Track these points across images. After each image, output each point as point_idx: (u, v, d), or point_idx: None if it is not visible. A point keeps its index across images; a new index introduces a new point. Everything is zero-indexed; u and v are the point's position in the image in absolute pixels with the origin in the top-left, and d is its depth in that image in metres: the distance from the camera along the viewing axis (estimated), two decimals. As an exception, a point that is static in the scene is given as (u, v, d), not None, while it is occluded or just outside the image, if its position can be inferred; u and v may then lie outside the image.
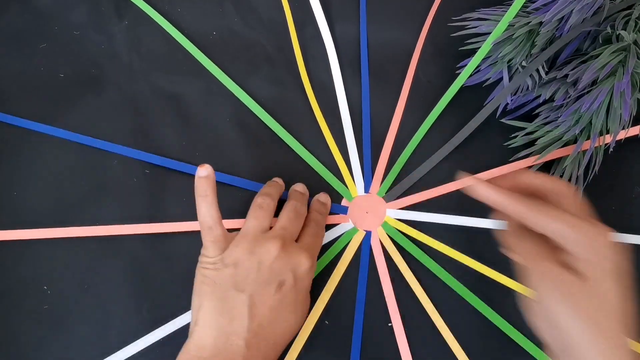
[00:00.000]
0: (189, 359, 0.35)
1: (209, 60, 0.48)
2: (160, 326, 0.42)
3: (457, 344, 0.42)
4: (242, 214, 0.44)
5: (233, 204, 0.45)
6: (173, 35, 0.49)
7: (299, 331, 0.41)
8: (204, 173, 0.37)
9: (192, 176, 0.45)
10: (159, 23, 0.49)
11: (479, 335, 0.43)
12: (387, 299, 0.43)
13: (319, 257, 0.44)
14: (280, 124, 0.47)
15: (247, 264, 0.37)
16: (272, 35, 0.50)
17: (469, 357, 0.42)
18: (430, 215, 0.45)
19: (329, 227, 0.45)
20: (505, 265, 0.44)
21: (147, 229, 0.44)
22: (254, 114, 0.47)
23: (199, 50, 0.48)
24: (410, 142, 0.47)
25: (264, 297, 0.36)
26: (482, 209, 0.44)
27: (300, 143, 0.47)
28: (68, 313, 0.42)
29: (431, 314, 0.43)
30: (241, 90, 0.48)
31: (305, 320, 0.41)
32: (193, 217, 0.44)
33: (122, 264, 0.43)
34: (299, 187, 0.44)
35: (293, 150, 0.46)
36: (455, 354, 0.42)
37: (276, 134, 0.47)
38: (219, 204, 0.39)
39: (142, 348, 0.41)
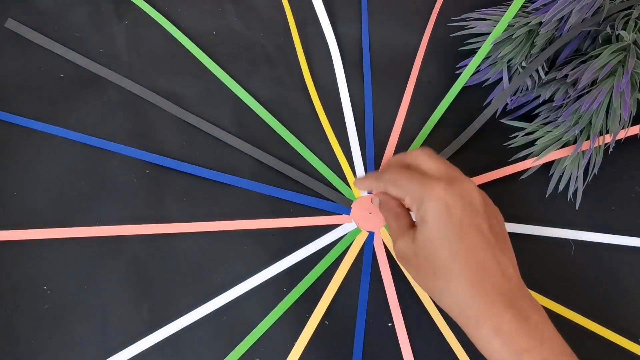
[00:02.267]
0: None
1: (209, 60, 0.48)
2: (160, 326, 0.42)
3: (459, 345, 0.42)
4: (243, 214, 0.44)
5: (234, 205, 0.45)
6: (173, 34, 0.49)
7: None
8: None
9: (192, 176, 0.45)
10: (159, 22, 0.49)
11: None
12: (389, 300, 0.43)
13: (320, 258, 0.44)
14: (282, 124, 0.47)
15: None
16: (272, 35, 0.50)
17: (470, 358, 0.42)
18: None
19: (330, 228, 0.45)
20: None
21: (147, 230, 0.44)
22: (255, 113, 0.47)
23: (199, 49, 0.48)
24: (413, 142, 0.47)
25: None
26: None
27: (303, 143, 0.47)
28: (68, 313, 0.42)
29: (433, 314, 0.43)
30: (242, 89, 0.48)
31: None
32: (193, 216, 0.44)
33: (122, 263, 0.43)
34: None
35: (295, 150, 0.46)
36: (457, 355, 0.42)
37: (278, 134, 0.47)
38: (222, 205, 0.43)
39: (143, 349, 0.41)
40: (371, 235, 0.45)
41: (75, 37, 0.48)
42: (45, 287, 0.42)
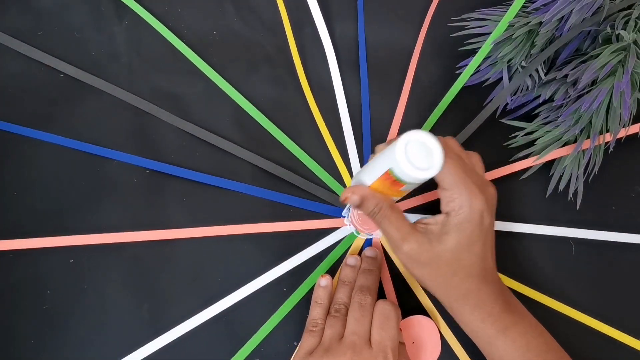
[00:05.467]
0: None
1: (205, 64, 0.48)
2: (160, 327, 0.42)
3: (459, 344, 0.42)
4: (243, 218, 0.44)
5: (234, 208, 0.45)
6: (169, 39, 0.48)
7: None
8: (323, 283, 0.41)
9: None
10: (156, 28, 0.49)
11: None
12: (387, 298, 0.43)
13: (320, 261, 0.44)
14: (280, 125, 0.47)
15: None
16: (271, 36, 0.50)
17: (470, 357, 0.42)
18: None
19: (330, 230, 0.45)
20: (506, 264, 0.44)
21: (148, 237, 0.44)
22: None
23: (194, 54, 0.48)
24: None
25: None
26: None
27: (300, 145, 0.46)
28: (68, 313, 0.42)
29: (431, 313, 0.43)
30: (237, 93, 0.47)
31: None
32: (193, 216, 0.44)
33: (123, 264, 0.43)
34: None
35: (292, 153, 0.46)
36: (457, 355, 0.42)
37: (274, 136, 0.47)
38: (222, 210, 0.44)
39: (146, 355, 0.41)
40: (369, 238, 0.45)
41: (75, 37, 0.48)
42: (45, 287, 0.42)
